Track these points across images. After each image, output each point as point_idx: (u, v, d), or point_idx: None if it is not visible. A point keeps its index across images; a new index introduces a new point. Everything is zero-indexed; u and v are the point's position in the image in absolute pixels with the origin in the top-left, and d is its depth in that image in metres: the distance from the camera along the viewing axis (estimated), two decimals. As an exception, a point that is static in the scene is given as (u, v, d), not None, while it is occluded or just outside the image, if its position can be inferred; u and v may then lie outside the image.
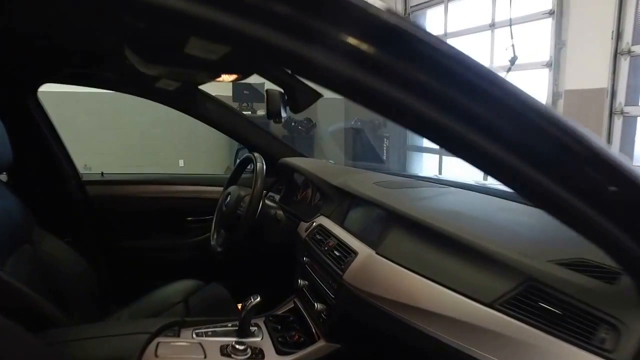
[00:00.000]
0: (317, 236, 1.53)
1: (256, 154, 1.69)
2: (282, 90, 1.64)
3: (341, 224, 1.52)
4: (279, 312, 1.60)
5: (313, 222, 1.63)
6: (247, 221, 1.55)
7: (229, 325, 1.41)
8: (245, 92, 6.24)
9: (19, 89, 1.80)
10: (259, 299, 1.31)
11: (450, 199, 1.33)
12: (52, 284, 1.50)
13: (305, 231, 1.63)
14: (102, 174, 2.21)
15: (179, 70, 1.22)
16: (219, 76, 1.35)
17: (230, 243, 1.63)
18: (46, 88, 5.55)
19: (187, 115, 2.08)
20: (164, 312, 1.70)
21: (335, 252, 1.35)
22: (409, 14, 6.50)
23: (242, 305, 1.86)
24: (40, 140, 1.87)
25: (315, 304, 1.37)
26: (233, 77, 1.40)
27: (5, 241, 1.35)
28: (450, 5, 5.80)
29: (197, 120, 2.08)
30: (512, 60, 4.31)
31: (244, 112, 6.07)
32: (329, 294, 1.32)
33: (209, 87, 2.06)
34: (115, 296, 1.97)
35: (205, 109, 2.05)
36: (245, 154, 1.96)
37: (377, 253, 1.18)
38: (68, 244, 1.69)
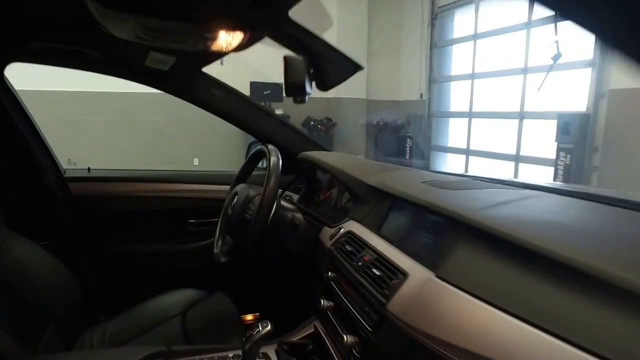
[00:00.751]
0: (347, 246, 1.17)
1: (270, 146, 1.34)
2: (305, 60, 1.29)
3: (377, 231, 1.17)
4: (295, 339, 1.26)
5: (340, 228, 1.28)
6: (257, 227, 1.21)
7: (230, 355, 1.12)
8: (265, 92, 5.82)
9: None
10: (269, 327, 0.97)
11: (537, 205, 0.96)
12: (20, 296, 1.20)
13: (330, 239, 1.28)
14: (89, 169, 1.88)
15: (158, 26, 0.89)
16: (216, 38, 1.01)
17: (237, 252, 1.28)
18: (61, 87, 5.28)
19: (204, 116, 1.74)
20: (157, 326, 1.41)
21: (374, 271, 0.99)
22: (435, 16, 6.14)
23: (248, 322, 1.53)
24: (9, 129, 1.56)
25: (345, 336, 1.02)
26: (236, 40, 1.06)
27: None
28: (481, 4, 5.41)
29: (214, 120, 1.75)
30: (556, 58, 3.88)
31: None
32: (364, 325, 0.97)
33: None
34: (104, 308, 1.67)
35: (211, 96, 1.70)
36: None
37: (438, 276, 0.82)
38: (46, 248, 1.38)
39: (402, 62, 6.74)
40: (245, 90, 5.62)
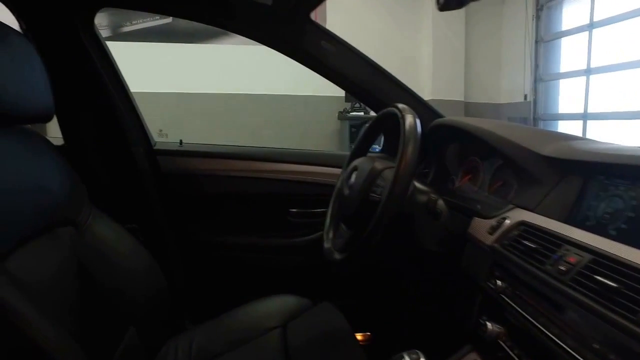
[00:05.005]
0: (525, 242, 0.77)
1: (402, 106, 0.97)
2: None
3: (566, 219, 0.76)
4: None
5: (504, 218, 0.87)
6: (389, 209, 0.83)
7: None
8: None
9: (66, 15, 1.21)
10: None
11: None
12: (100, 288, 0.94)
13: (490, 233, 0.87)
14: (181, 142, 1.57)
15: None
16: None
17: (359, 247, 0.90)
18: (163, 89, 5.21)
19: (298, 118, 1.38)
20: (252, 340, 1.09)
21: (601, 280, 0.58)
22: (541, 7, 5.45)
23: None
24: (98, 89, 1.29)
25: None
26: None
27: (24, 221, 0.80)
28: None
29: (309, 121, 1.39)
30: None
31: (354, 113, 5.42)
32: None
33: (321, 87, 1.39)
34: (190, 309, 1.40)
35: (320, 50, 1.32)
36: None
37: None
38: (131, 232, 1.11)
39: (503, 60, 6.08)
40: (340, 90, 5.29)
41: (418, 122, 0.89)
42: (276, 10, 1.21)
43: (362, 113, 5.43)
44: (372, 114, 5.39)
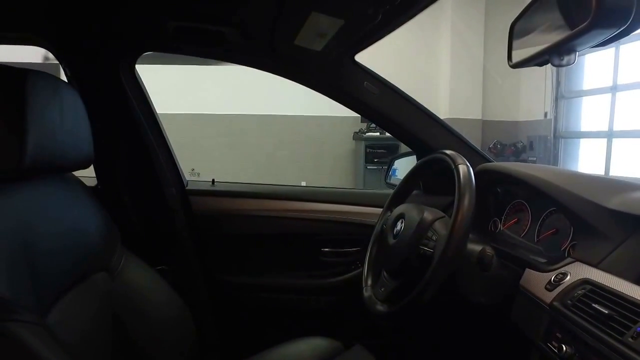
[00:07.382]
0: (596, 306, 0.71)
1: (451, 153, 0.95)
2: None
3: (637, 280, 0.70)
4: None
5: (563, 274, 0.82)
6: (445, 268, 0.81)
7: None
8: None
9: (111, 61, 1.24)
10: None
11: None
12: (130, 338, 0.96)
13: (548, 289, 0.82)
14: (213, 181, 1.56)
15: None
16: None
17: (409, 303, 0.86)
18: (177, 110, 5.27)
19: (312, 139, 1.38)
20: None
21: None
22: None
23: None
24: (134, 129, 1.30)
25: None
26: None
27: (64, 274, 0.82)
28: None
29: (322, 142, 1.38)
30: None
31: (370, 134, 5.41)
32: None
33: (336, 107, 1.41)
34: (218, 350, 1.40)
35: (364, 92, 1.31)
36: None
37: None
38: (162, 274, 1.11)
39: (523, 77, 6.03)
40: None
41: (471, 171, 0.86)
42: (324, 54, 1.21)
43: (377, 133, 5.41)
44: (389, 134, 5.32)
